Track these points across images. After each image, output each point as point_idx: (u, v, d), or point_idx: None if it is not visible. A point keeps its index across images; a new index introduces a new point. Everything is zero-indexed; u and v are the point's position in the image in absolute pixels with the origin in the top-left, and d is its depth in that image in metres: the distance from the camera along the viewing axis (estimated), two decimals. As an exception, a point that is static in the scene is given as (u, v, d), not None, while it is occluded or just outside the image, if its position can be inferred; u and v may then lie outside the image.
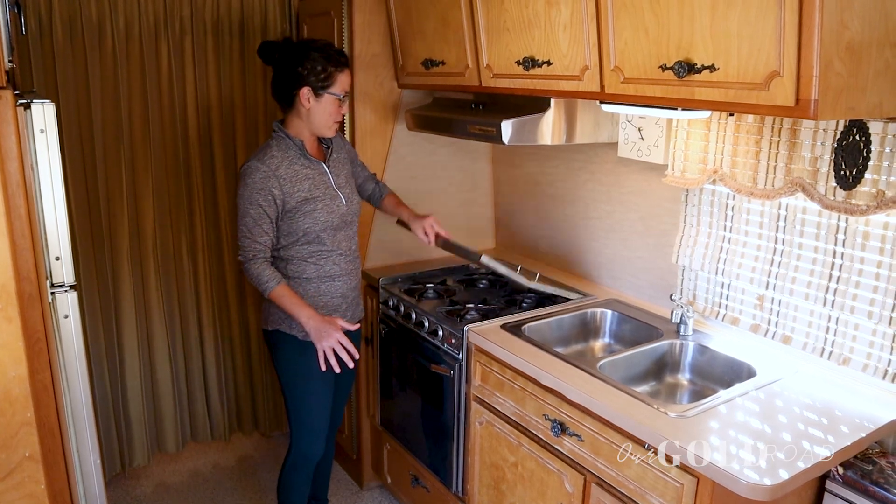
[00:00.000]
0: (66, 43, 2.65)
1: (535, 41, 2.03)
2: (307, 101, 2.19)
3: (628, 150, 2.37)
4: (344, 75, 2.21)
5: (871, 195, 1.71)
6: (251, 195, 2.16)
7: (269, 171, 2.16)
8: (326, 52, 2.19)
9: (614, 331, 2.41)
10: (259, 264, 2.20)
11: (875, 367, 1.82)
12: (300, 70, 2.17)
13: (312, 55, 2.17)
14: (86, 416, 1.73)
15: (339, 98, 2.21)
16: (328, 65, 2.17)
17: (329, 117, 2.23)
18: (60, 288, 1.62)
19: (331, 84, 2.19)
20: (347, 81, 2.23)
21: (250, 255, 2.20)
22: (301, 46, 2.20)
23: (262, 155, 2.19)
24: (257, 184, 2.15)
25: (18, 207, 1.37)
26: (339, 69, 2.19)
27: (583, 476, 1.87)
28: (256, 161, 2.18)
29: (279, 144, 2.23)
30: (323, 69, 2.17)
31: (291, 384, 2.38)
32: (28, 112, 1.51)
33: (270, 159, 2.18)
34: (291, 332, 2.31)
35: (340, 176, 2.36)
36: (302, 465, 2.47)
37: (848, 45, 1.37)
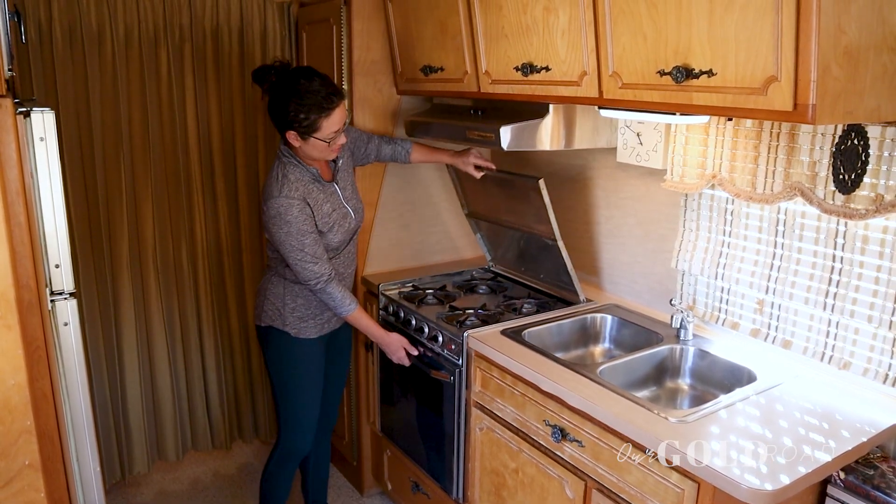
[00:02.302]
0: (66, 50, 2.66)
1: (533, 47, 2.03)
2: (295, 140, 2.17)
3: (627, 155, 2.37)
4: (332, 118, 2.13)
5: (870, 199, 1.71)
6: (299, 228, 2.17)
7: (300, 202, 2.18)
8: (313, 97, 2.10)
9: (614, 336, 2.41)
10: (336, 285, 2.28)
11: (875, 371, 1.82)
12: (285, 112, 2.12)
13: (297, 101, 2.10)
14: (85, 424, 1.72)
15: (327, 142, 2.17)
16: (311, 113, 2.10)
17: (322, 153, 2.21)
18: (60, 295, 1.62)
19: (316, 130, 2.13)
20: (338, 119, 2.15)
21: (326, 277, 2.25)
22: (289, 86, 2.12)
23: (283, 187, 2.17)
24: (298, 217, 2.17)
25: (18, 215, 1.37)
26: (325, 115, 2.11)
27: (583, 482, 1.87)
28: (284, 197, 2.16)
29: (293, 171, 2.22)
30: (306, 117, 2.10)
31: (282, 380, 2.43)
32: (28, 120, 1.51)
33: (295, 190, 2.18)
34: (284, 329, 2.36)
35: (347, 189, 2.38)
36: (287, 460, 2.51)
37: (845, 50, 1.37)
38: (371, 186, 2.83)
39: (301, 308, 2.36)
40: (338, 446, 3.26)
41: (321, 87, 2.12)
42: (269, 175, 2.26)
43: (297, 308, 2.35)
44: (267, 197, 2.20)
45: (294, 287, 2.34)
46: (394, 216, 2.92)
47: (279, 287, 2.36)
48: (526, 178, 2.42)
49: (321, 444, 2.71)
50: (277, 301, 2.37)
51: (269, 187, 2.21)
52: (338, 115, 2.15)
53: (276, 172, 2.23)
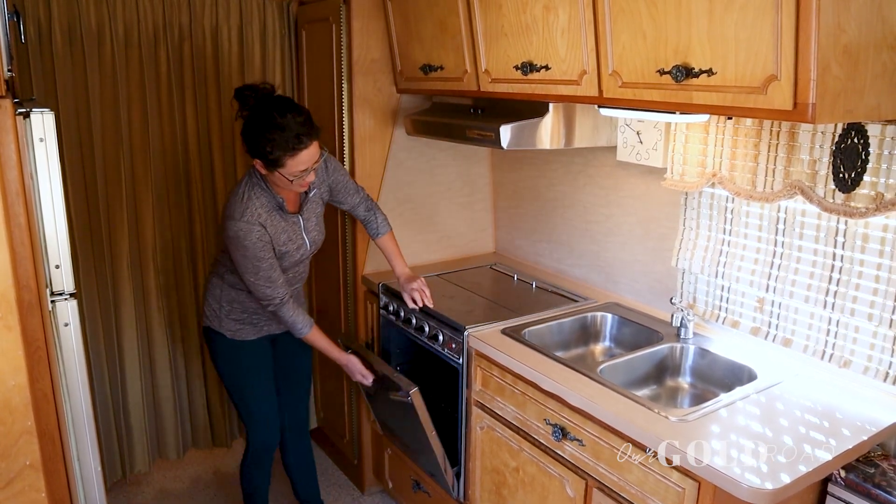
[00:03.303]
0: (66, 50, 2.66)
1: (533, 46, 2.03)
2: (262, 169, 2.16)
3: (627, 154, 2.37)
4: (299, 157, 2.09)
5: (870, 197, 1.71)
6: (255, 253, 2.18)
7: (260, 229, 2.18)
8: (282, 134, 2.06)
9: (614, 334, 2.41)
10: (292, 308, 2.30)
11: (876, 369, 1.82)
12: (254, 141, 2.10)
13: (266, 134, 2.07)
14: (86, 424, 1.73)
15: (290, 179, 2.14)
16: (277, 149, 2.07)
17: (287, 187, 2.19)
18: (60, 296, 1.62)
19: (281, 166, 2.10)
20: (306, 159, 2.11)
21: (279, 301, 2.27)
22: (262, 116, 2.09)
23: (245, 210, 2.17)
24: (256, 243, 2.17)
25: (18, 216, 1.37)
26: (290, 154, 2.08)
27: (584, 481, 1.87)
28: (245, 222, 2.15)
29: (259, 195, 2.21)
30: (272, 151, 2.07)
31: (230, 379, 2.49)
32: (27, 121, 1.51)
33: (257, 216, 2.18)
34: (221, 331, 2.41)
35: (311, 220, 2.38)
36: (259, 457, 2.55)
37: (845, 49, 1.37)
38: (371, 185, 2.83)
39: (237, 312, 2.40)
40: (338, 445, 3.26)
41: (294, 125, 2.07)
42: (234, 191, 2.24)
43: (234, 312, 2.40)
44: (227, 216, 2.19)
45: (232, 292, 2.38)
46: (393, 215, 2.91)
47: (217, 290, 2.41)
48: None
49: (298, 445, 2.73)
50: (215, 303, 2.42)
51: (232, 207, 2.19)
52: (305, 156, 2.11)
53: (241, 191, 2.21)
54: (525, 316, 2.39)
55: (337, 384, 3.17)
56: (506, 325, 2.30)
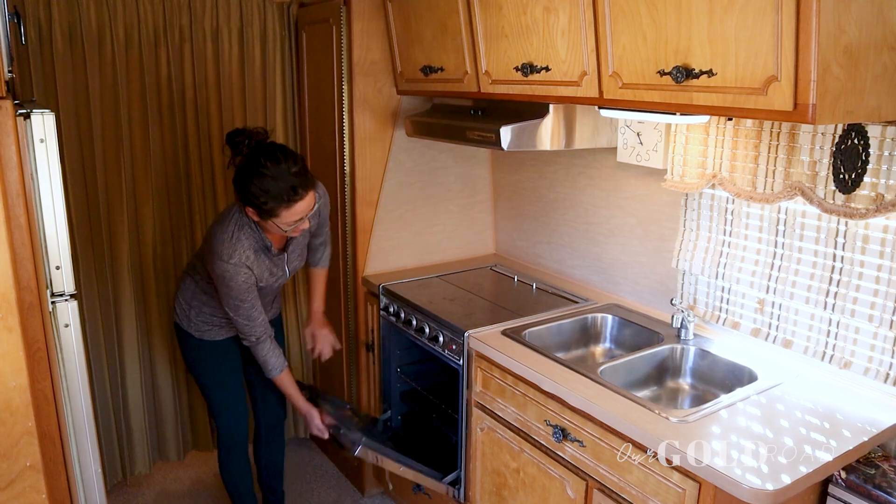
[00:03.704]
0: (66, 51, 2.66)
1: (533, 47, 2.03)
2: (254, 216, 2.14)
3: (627, 155, 2.37)
4: (294, 209, 2.06)
5: (871, 199, 1.71)
6: (238, 294, 2.19)
7: (247, 271, 2.19)
8: (278, 185, 2.02)
9: (615, 336, 2.41)
10: (268, 347, 2.31)
11: (876, 370, 1.82)
12: (247, 191, 2.06)
13: (261, 185, 2.03)
14: (87, 425, 1.72)
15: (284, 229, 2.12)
16: (271, 200, 2.04)
17: (280, 234, 2.18)
18: (61, 297, 1.62)
19: (275, 216, 2.08)
20: (301, 210, 2.08)
21: (256, 339, 2.29)
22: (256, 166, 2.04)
23: (233, 252, 2.16)
24: (241, 285, 2.18)
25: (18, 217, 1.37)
26: (286, 206, 2.05)
27: (585, 482, 1.87)
28: (233, 265, 2.15)
29: (248, 235, 2.20)
30: (266, 202, 2.04)
31: (198, 374, 2.54)
32: (28, 122, 1.51)
33: (244, 259, 2.18)
34: (188, 330, 2.45)
35: (294, 252, 2.40)
36: (231, 448, 2.60)
37: (845, 49, 1.37)
38: (371, 187, 2.83)
39: (206, 315, 2.43)
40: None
41: (290, 176, 2.04)
42: (221, 225, 2.21)
43: (203, 314, 2.43)
44: (215, 254, 2.17)
45: (203, 296, 2.40)
46: (394, 216, 2.92)
47: (189, 292, 2.44)
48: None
49: (272, 440, 2.76)
50: (185, 304, 2.45)
51: (219, 244, 2.17)
52: (301, 207, 2.08)
53: (230, 230, 2.18)
54: (525, 317, 2.39)
55: (337, 386, 3.17)
56: (506, 327, 2.30)
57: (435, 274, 2.91)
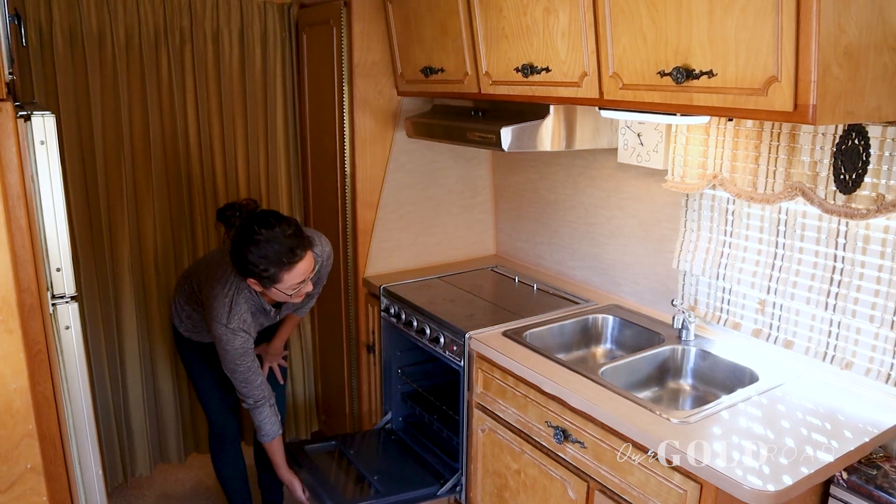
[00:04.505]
0: (67, 53, 2.66)
1: (533, 48, 2.03)
2: (257, 286, 2.13)
3: (628, 156, 2.37)
4: (294, 271, 2.05)
5: (871, 199, 1.71)
6: (234, 357, 2.19)
7: (244, 335, 2.19)
8: (274, 249, 2.01)
9: (616, 337, 2.41)
10: (266, 413, 2.32)
11: (878, 371, 1.82)
12: (246, 262, 2.04)
13: (257, 253, 2.01)
14: (87, 427, 1.72)
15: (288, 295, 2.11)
16: (271, 266, 2.02)
17: (284, 299, 2.16)
18: (61, 299, 1.62)
19: (277, 282, 2.06)
20: (302, 271, 2.07)
21: (254, 402, 2.29)
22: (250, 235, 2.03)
23: (232, 316, 2.16)
24: (238, 349, 2.19)
25: (19, 219, 1.37)
26: (286, 269, 2.04)
27: (586, 483, 1.87)
28: (231, 331, 2.15)
29: (246, 299, 2.20)
30: (266, 269, 2.03)
31: (190, 371, 2.61)
32: (28, 124, 1.51)
33: (242, 322, 2.18)
34: (179, 328, 2.51)
35: (289, 305, 2.41)
36: (221, 442, 2.63)
37: (846, 50, 1.37)
38: (372, 188, 2.84)
39: (196, 320, 2.46)
40: (340, 448, 3.26)
41: (284, 238, 2.03)
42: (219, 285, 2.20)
43: (192, 318, 2.46)
44: (212, 317, 2.17)
45: (194, 304, 2.43)
46: (394, 217, 2.92)
47: (184, 293, 2.48)
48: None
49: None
50: (179, 304, 2.50)
51: (217, 308, 2.16)
52: (301, 268, 2.07)
53: (227, 293, 2.18)
54: (526, 318, 2.39)
55: (338, 388, 3.17)
56: (507, 328, 2.30)
57: (435, 275, 2.91)
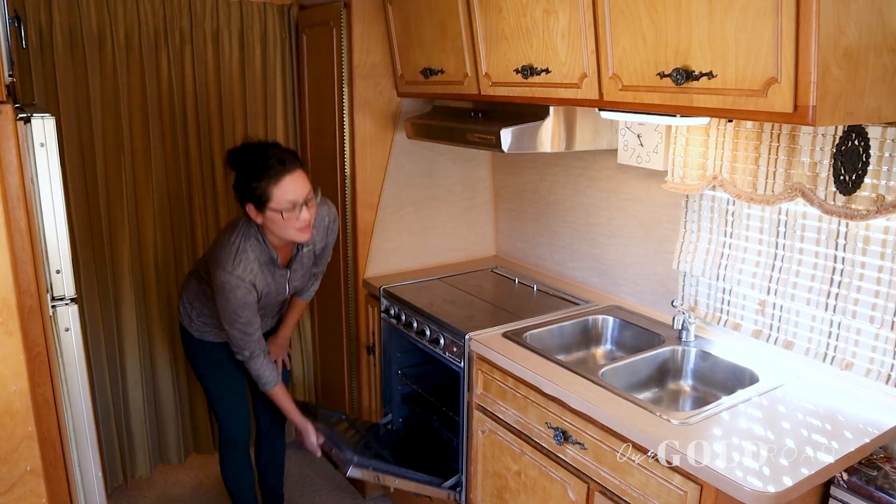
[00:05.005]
0: (67, 55, 2.66)
1: (533, 49, 2.03)
2: (256, 216, 2.11)
3: (628, 157, 2.37)
4: (283, 185, 2.03)
5: (871, 200, 1.71)
6: (236, 308, 2.16)
7: (248, 286, 2.15)
8: (261, 163, 2.04)
9: (616, 338, 2.41)
10: (261, 362, 2.30)
11: (878, 371, 1.82)
12: (239, 183, 2.08)
13: (248, 170, 2.05)
14: (87, 429, 1.72)
15: (281, 213, 2.06)
16: (261, 180, 2.03)
17: (284, 229, 2.10)
18: (61, 301, 1.62)
19: (268, 199, 2.04)
20: (291, 188, 2.05)
21: (250, 354, 2.27)
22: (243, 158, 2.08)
23: (237, 263, 2.12)
24: (241, 299, 2.15)
25: (19, 221, 1.37)
26: (273, 182, 2.03)
27: (586, 484, 1.87)
28: (236, 277, 2.11)
29: (254, 248, 2.17)
30: (256, 186, 2.03)
31: (200, 374, 2.55)
32: (28, 126, 1.51)
33: (248, 271, 2.14)
34: (189, 330, 2.45)
35: (297, 273, 2.38)
36: (232, 447, 2.59)
37: (845, 51, 1.37)
38: (372, 189, 2.84)
39: (206, 317, 2.42)
40: (340, 449, 3.26)
41: (274, 154, 2.06)
42: (227, 235, 2.20)
43: (202, 315, 2.43)
44: (217, 265, 2.14)
45: (203, 297, 2.41)
46: (394, 218, 2.92)
47: (192, 291, 2.44)
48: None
49: (273, 443, 2.76)
50: (188, 303, 2.46)
51: (223, 255, 2.14)
52: (290, 184, 2.04)
53: (235, 240, 2.16)
54: (526, 319, 2.39)
55: (338, 389, 3.17)
56: (507, 329, 2.30)
57: (436, 276, 2.91)
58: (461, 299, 2.64)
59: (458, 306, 2.56)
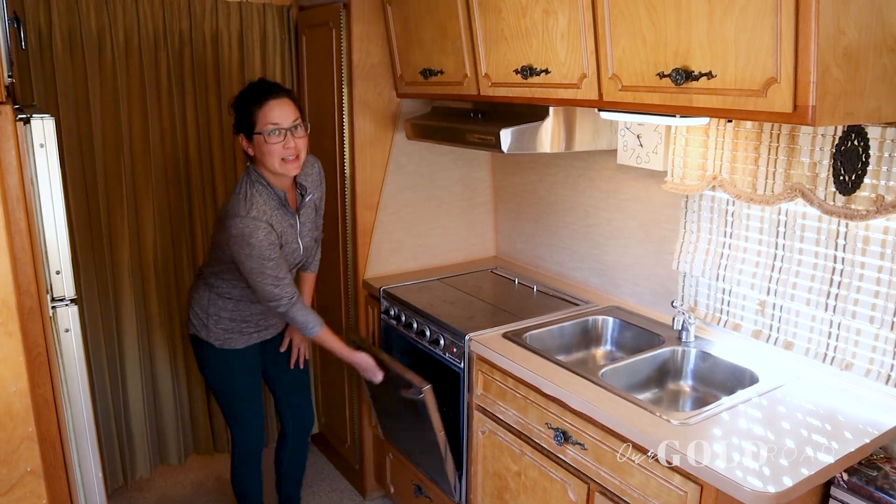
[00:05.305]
0: (66, 56, 2.66)
1: (532, 50, 2.03)
2: (246, 146, 2.18)
3: (627, 157, 2.37)
4: (267, 109, 2.11)
5: (871, 200, 1.71)
6: (261, 252, 2.14)
7: (267, 226, 2.15)
8: (251, 89, 2.16)
9: (616, 338, 2.41)
10: (301, 307, 2.27)
11: (878, 372, 1.82)
12: (236, 117, 2.19)
13: (238, 100, 2.17)
14: (87, 430, 1.72)
15: (265, 134, 2.11)
16: (248, 105, 2.13)
17: (272, 157, 2.14)
18: (61, 302, 1.62)
19: (253, 122, 2.12)
20: (277, 113, 2.12)
21: (287, 300, 2.23)
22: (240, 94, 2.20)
23: (250, 207, 2.14)
24: (263, 241, 2.13)
25: (18, 222, 1.37)
26: (258, 105, 2.12)
27: (586, 485, 1.87)
28: (252, 219, 2.12)
29: (261, 193, 2.19)
30: (245, 112, 2.14)
31: (217, 386, 2.49)
32: (28, 127, 1.51)
33: (262, 213, 2.16)
34: (208, 340, 2.39)
35: (306, 225, 2.38)
36: (246, 458, 2.57)
37: (845, 51, 1.37)
38: (372, 190, 2.84)
39: (225, 321, 2.38)
40: (340, 450, 3.26)
41: (260, 83, 2.18)
42: (232, 193, 2.22)
43: (222, 321, 2.38)
44: (231, 214, 2.14)
45: (219, 300, 2.36)
46: (394, 219, 2.92)
47: (203, 298, 2.38)
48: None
49: (297, 448, 2.75)
50: (202, 313, 2.39)
51: (235, 205, 2.15)
52: (274, 107, 2.12)
53: (242, 190, 2.18)
54: (526, 320, 2.39)
55: (338, 390, 3.17)
56: (507, 329, 2.30)
57: (435, 277, 2.91)
58: (461, 300, 2.64)
59: (458, 307, 2.56)
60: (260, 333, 2.46)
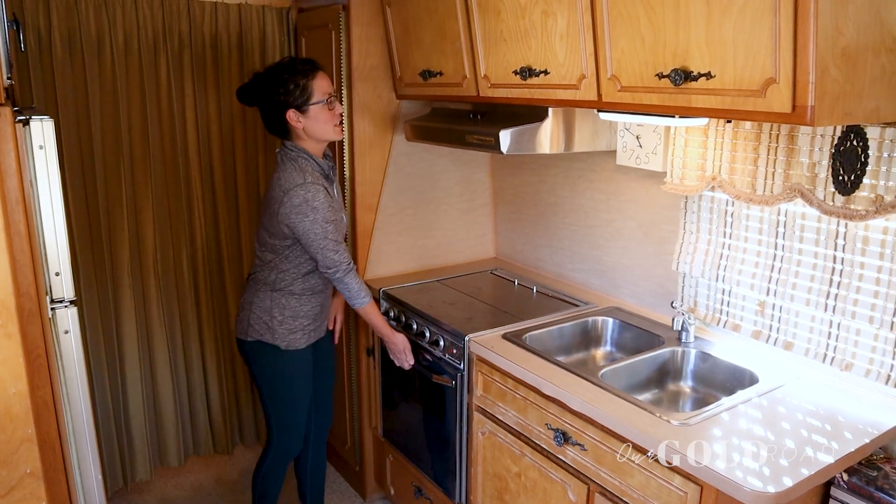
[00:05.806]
0: (66, 58, 2.66)
1: (531, 51, 2.03)
2: (297, 121, 2.23)
3: (627, 158, 2.37)
4: (318, 80, 2.24)
5: (870, 200, 1.71)
6: (325, 214, 2.20)
7: (324, 189, 2.22)
8: (292, 67, 2.22)
9: (615, 339, 2.41)
10: (356, 275, 2.33)
11: (878, 372, 1.82)
12: (278, 97, 2.21)
13: (282, 77, 2.21)
14: (87, 432, 1.72)
15: (324, 103, 2.23)
16: (299, 80, 2.20)
17: (326, 124, 2.26)
18: (60, 303, 1.62)
19: (310, 95, 2.22)
20: (325, 83, 2.25)
21: (347, 266, 2.29)
22: (268, 74, 2.24)
23: (306, 174, 2.20)
24: (324, 203, 2.20)
25: (18, 223, 1.37)
26: (310, 77, 2.22)
27: (586, 485, 1.87)
28: (311, 184, 2.19)
29: (305, 167, 2.23)
30: (296, 86, 2.20)
31: (274, 391, 2.46)
32: (27, 128, 1.51)
33: (315, 178, 2.22)
34: (275, 343, 2.37)
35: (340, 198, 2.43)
36: (283, 462, 2.56)
37: (843, 51, 1.37)
38: (371, 191, 2.84)
39: (290, 320, 2.37)
40: (340, 451, 3.26)
41: (294, 63, 2.25)
42: (279, 172, 2.26)
43: (286, 321, 2.36)
44: (290, 186, 2.19)
45: (281, 299, 2.35)
46: (394, 221, 2.92)
47: (266, 300, 2.36)
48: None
49: (318, 449, 2.73)
50: (265, 315, 2.36)
51: (290, 177, 2.21)
52: (325, 78, 2.25)
53: (290, 166, 2.24)
54: (526, 321, 2.39)
55: (338, 391, 3.17)
56: (507, 330, 2.30)
57: (435, 278, 2.91)
58: (461, 301, 2.64)
59: (458, 308, 2.55)
60: (315, 332, 2.46)
